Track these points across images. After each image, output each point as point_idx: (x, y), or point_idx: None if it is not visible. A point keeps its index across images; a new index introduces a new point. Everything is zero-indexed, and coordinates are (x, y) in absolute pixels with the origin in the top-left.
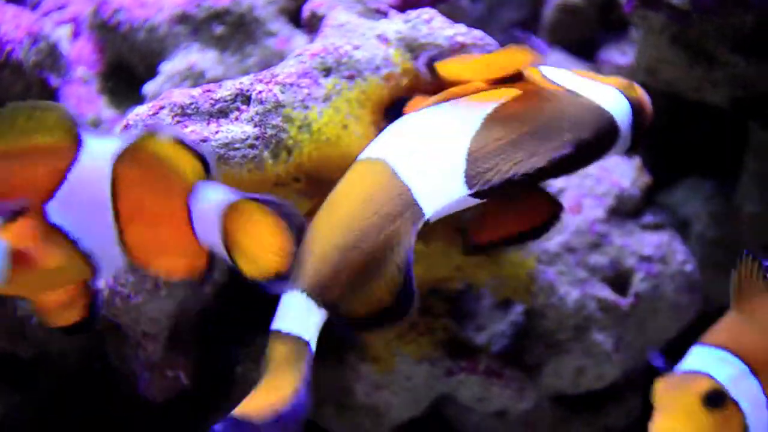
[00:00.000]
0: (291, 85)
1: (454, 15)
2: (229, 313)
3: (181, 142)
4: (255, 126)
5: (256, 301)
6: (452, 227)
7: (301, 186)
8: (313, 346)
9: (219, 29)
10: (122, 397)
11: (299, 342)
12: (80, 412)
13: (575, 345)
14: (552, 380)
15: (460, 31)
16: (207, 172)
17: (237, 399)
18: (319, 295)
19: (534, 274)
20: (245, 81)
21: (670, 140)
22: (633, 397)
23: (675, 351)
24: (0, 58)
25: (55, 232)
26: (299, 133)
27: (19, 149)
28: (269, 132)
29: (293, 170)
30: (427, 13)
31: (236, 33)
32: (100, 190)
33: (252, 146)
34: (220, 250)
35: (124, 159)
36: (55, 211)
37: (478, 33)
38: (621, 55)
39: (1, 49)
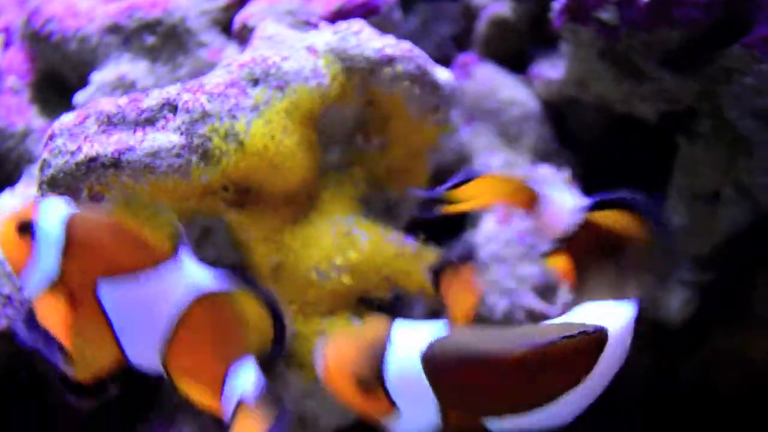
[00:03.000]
0: (218, 95)
1: (385, 28)
2: None
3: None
4: (181, 135)
5: None
6: (379, 235)
7: (229, 195)
8: None
9: (150, 40)
10: (49, 405)
11: None
12: (6, 420)
13: None
14: None
15: (388, 43)
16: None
17: (164, 407)
18: None
19: None
20: (172, 90)
21: (600, 153)
22: None
23: None
24: None
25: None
26: (226, 143)
27: (123, 227)
28: (196, 141)
29: (221, 180)
30: (356, 24)
31: (168, 43)
32: (164, 306)
33: (178, 155)
34: None
35: (203, 300)
36: (108, 294)
37: (406, 45)
38: (552, 68)
39: None
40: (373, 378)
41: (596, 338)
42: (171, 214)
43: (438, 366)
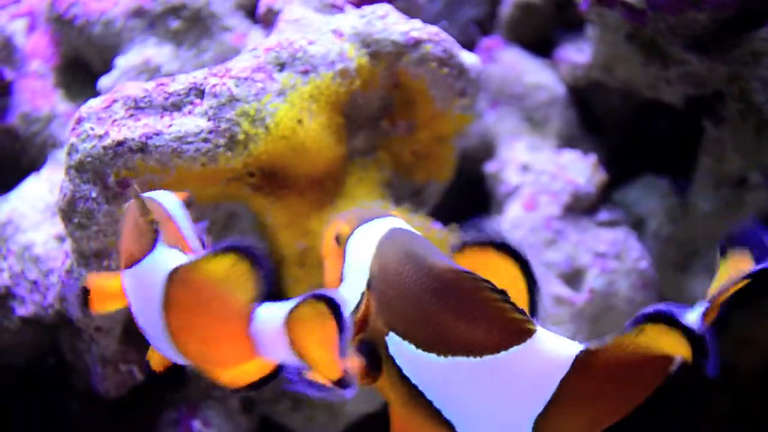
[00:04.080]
0: (245, 79)
1: (410, 12)
2: None
3: (238, 253)
4: (209, 120)
5: None
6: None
7: (255, 180)
8: None
9: (175, 24)
10: (76, 392)
11: None
12: (34, 407)
13: None
14: None
15: (415, 27)
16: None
17: (190, 394)
18: None
19: None
20: (199, 75)
21: (626, 138)
22: None
23: None
24: None
25: None
26: (253, 128)
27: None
28: (223, 126)
29: (247, 164)
30: (382, 8)
31: (193, 28)
32: (153, 298)
33: (205, 140)
34: (292, 358)
35: (178, 279)
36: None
37: (433, 29)
38: (577, 52)
39: None
40: (342, 239)
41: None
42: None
43: (377, 253)
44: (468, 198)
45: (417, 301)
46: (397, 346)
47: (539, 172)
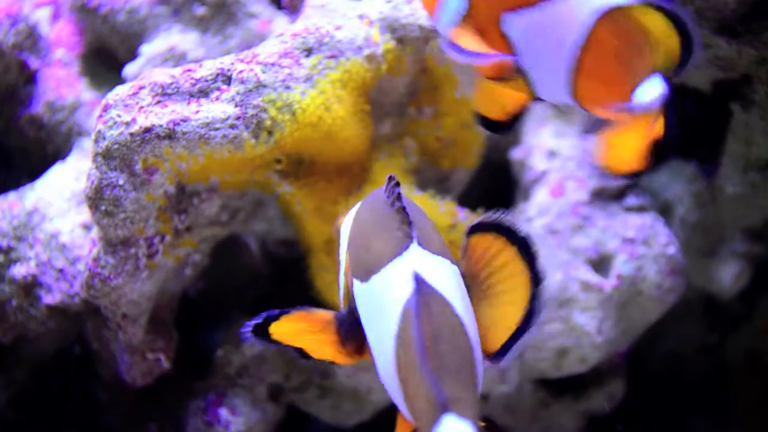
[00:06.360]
0: (272, 65)
1: None
2: (210, 296)
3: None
4: (236, 106)
5: (236, 284)
6: (432, 206)
7: (282, 167)
8: None
9: (200, 10)
10: (102, 381)
11: None
12: (59, 395)
13: (558, 327)
14: (534, 363)
15: None
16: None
17: (216, 383)
18: None
19: None
20: (226, 61)
21: None
22: (615, 381)
23: (657, 335)
24: None
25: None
26: (280, 114)
27: None
28: (250, 112)
29: (274, 151)
30: None
31: (217, 14)
32: (569, 34)
33: (233, 126)
34: None
35: (606, 18)
36: (512, 23)
37: None
38: None
39: None
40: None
41: None
42: None
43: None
44: (494, 185)
45: (362, 234)
46: (355, 290)
47: (566, 158)
